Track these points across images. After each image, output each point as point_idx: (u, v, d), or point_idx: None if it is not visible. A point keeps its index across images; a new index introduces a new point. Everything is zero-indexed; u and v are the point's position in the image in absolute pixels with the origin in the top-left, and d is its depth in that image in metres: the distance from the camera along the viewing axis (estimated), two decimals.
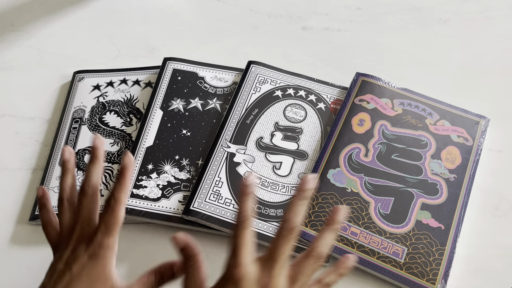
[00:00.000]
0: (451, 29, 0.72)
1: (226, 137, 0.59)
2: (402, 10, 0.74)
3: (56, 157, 0.62)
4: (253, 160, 0.58)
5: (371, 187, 0.54)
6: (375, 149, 0.57)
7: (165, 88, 0.64)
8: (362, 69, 0.65)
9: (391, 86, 0.61)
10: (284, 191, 0.56)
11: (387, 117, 0.59)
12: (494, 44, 0.69)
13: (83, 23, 0.78)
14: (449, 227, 0.52)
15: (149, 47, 0.73)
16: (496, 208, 0.56)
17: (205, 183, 0.56)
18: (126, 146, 0.62)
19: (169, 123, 0.62)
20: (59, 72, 0.72)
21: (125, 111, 0.65)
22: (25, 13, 0.79)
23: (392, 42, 0.71)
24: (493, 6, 0.73)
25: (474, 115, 0.59)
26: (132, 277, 0.55)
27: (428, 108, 0.60)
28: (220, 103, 0.63)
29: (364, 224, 0.52)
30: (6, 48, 0.75)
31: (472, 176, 0.55)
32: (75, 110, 0.66)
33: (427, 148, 0.57)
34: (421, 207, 0.53)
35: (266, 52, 0.71)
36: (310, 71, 0.66)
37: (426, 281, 0.49)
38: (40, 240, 0.57)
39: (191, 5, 0.79)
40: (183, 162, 0.59)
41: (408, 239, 0.51)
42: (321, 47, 0.71)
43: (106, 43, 0.74)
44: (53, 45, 0.75)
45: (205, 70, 0.66)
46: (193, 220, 0.54)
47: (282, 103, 0.62)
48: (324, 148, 0.57)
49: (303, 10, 0.76)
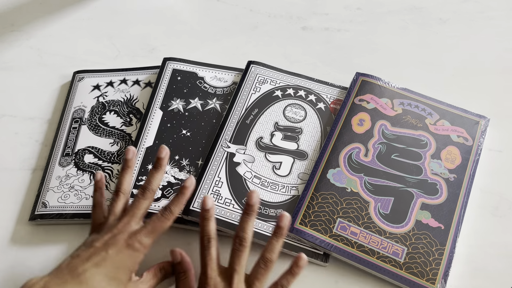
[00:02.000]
0: (451, 29, 0.72)
1: (226, 137, 0.59)
2: (402, 10, 0.74)
3: (56, 157, 0.62)
4: (253, 160, 0.58)
5: (371, 187, 0.54)
6: (375, 149, 0.57)
7: (164, 88, 0.64)
8: (362, 69, 0.65)
9: (391, 86, 0.61)
10: (284, 191, 0.56)
11: (387, 117, 0.59)
12: (494, 44, 0.69)
13: (83, 23, 0.78)
14: (449, 227, 0.52)
15: (149, 47, 0.73)
16: (496, 208, 0.56)
17: (205, 183, 0.56)
18: (126, 146, 0.62)
19: (169, 123, 0.62)
20: (59, 72, 0.72)
21: (125, 111, 0.65)
22: (25, 13, 0.79)
23: (392, 42, 0.71)
24: (493, 6, 0.73)
25: (474, 115, 0.59)
26: None
27: (428, 108, 0.60)
28: (220, 103, 0.63)
29: (364, 224, 0.52)
30: (6, 48, 0.75)
31: (472, 176, 0.55)
32: (75, 110, 0.66)
33: (427, 148, 0.57)
34: (421, 207, 0.53)
35: (266, 52, 0.71)
36: (310, 71, 0.66)
37: (426, 281, 0.49)
38: (40, 240, 0.57)
39: (191, 5, 0.79)
40: (183, 162, 0.59)
41: (408, 239, 0.51)
42: (321, 47, 0.71)
43: (106, 43, 0.75)
44: (53, 45, 0.75)
45: (205, 70, 0.66)
46: (193, 220, 0.54)
47: (282, 103, 0.62)
48: (324, 148, 0.57)
49: (303, 10, 0.76)
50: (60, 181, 0.60)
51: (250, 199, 0.49)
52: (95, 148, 0.62)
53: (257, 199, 0.49)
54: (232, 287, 0.46)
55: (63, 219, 0.57)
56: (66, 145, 0.63)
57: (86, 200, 0.58)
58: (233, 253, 0.48)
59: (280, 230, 0.48)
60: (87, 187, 0.59)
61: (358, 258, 0.51)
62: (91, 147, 0.62)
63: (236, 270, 0.47)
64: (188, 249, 0.55)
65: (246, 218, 0.49)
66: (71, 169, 0.60)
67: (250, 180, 0.56)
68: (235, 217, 0.54)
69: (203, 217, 0.49)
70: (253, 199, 0.49)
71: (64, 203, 0.58)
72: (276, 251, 0.48)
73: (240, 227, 0.49)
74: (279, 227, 0.48)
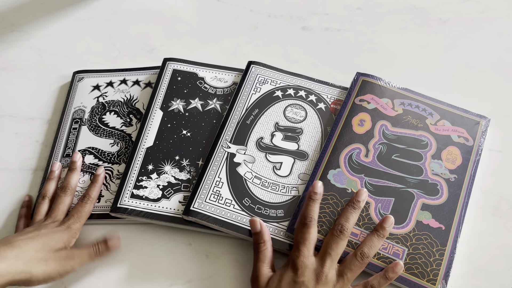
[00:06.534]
0: (451, 29, 0.72)
1: (226, 138, 0.59)
2: (402, 10, 0.74)
3: (56, 158, 0.62)
4: (253, 161, 0.58)
5: (372, 187, 0.54)
6: (376, 150, 0.57)
7: (165, 89, 0.64)
8: (362, 69, 0.65)
9: (391, 86, 0.61)
10: (284, 192, 0.55)
11: (388, 117, 0.59)
12: (494, 44, 0.69)
13: (83, 23, 0.77)
14: (450, 227, 0.52)
15: (149, 47, 0.73)
16: (496, 208, 0.56)
17: (205, 183, 0.56)
18: (126, 146, 0.62)
19: (169, 123, 0.61)
20: (59, 72, 0.72)
21: (125, 111, 0.65)
22: (25, 13, 0.79)
23: (392, 42, 0.71)
24: (493, 6, 0.73)
25: (474, 115, 0.59)
26: (132, 278, 0.55)
27: (429, 108, 0.60)
28: (220, 104, 0.63)
29: (364, 224, 0.52)
30: (6, 48, 0.75)
31: (473, 176, 0.55)
32: (75, 111, 0.66)
33: (427, 148, 0.57)
34: (422, 207, 0.53)
35: (266, 52, 0.71)
36: (310, 71, 0.66)
37: (427, 281, 0.49)
38: None
39: (191, 5, 0.79)
40: (183, 162, 0.59)
41: (409, 240, 0.51)
42: (321, 47, 0.71)
43: (106, 43, 0.74)
44: (53, 45, 0.75)
45: (205, 70, 0.66)
46: (193, 221, 0.54)
47: (282, 103, 0.62)
48: (325, 148, 0.57)
49: (303, 10, 0.76)
50: (61, 182, 0.60)
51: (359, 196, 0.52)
52: (95, 148, 0.62)
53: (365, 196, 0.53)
54: (323, 269, 0.47)
55: None
56: (66, 146, 0.62)
57: None
58: (331, 239, 0.49)
59: (383, 231, 0.50)
60: None
61: None
62: (92, 148, 0.62)
63: (331, 254, 0.48)
64: (189, 249, 0.55)
65: (351, 210, 0.51)
66: None
67: (251, 180, 0.56)
68: (235, 217, 0.54)
69: (310, 197, 0.52)
70: (361, 196, 0.52)
71: None
72: (375, 248, 0.49)
73: (344, 216, 0.51)
74: (383, 228, 0.50)
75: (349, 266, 0.48)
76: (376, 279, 0.48)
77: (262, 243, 0.50)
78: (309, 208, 0.51)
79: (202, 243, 0.56)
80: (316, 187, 0.52)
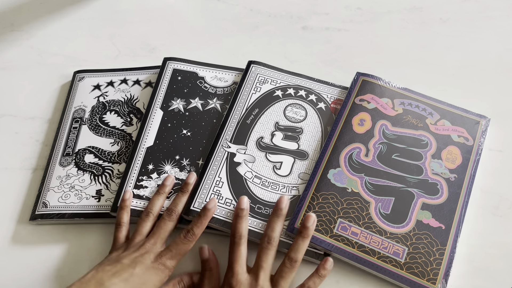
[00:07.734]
0: (451, 29, 0.72)
1: (227, 137, 0.59)
2: (402, 10, 0.74)
3: (56, 157, 0.62)
4: (254, 160, 0.58)
5: (372, 187, 0.54)
6: (376, 149, 0.57)
7: (165, 88, 0.64)
8: (363, 69, 0.65)
9: (391, 85, 0.61)
10: (285, 191, 0.56)
11: (388, 117, 0.59)
12: (494, 44, 0.70)
13: (83, 23, 0.78)
14: (450, 226, 0.52)
15: (149, 47, 0.73)
16: (496, 208, 0.56)
17: (205, 183, 0.56)
18: (126, 146, 0.62)
19: (169, 123, 0.61)
20: (59, 72, 0.72)
21: (125, 111, 0.65)
22: (25, 13, 0.79)
23: (392, 42, 0.71)
24: (493, 6, 0.73)
25: (474, 114, 0.59)
26: None
27: (429, 107, 0.60)
28: (220, 103, 0.63)
29: (364, 224, 0.52)
30: (6, 48, 0.75)
31: (473, 175, 0.55)
32: (76, 110, 0.66)
33: (427, 148, 0.57)
34: (422, 207, 0.53)
35: (266, 52, 0.71)
36: (311, 70, 0.66)
37: (427, 281, 0.49)
38: (41, 240, 0.57)
39: (191, 5, 0.79)
40: (183, 162, 0.59)
41: (409, 239, 0.51)
42: (321, 46, 0.71)
43: (106, 43, 0.74)
44: (53, 45, 0.75)
45: (205, 70, 0.66)
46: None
47: (282, 103, 0.62)
48: (325, 148, 0.57)
49: (303, 10, 0.76)
50: (61, 181, 0.60)
51: (280, 203, 0.52)
52: (95, 148, 0.62)
53: (286, 203, 0.53)
54: (258, 283, 0.47)
55: (64, 219, 0.57)
56: (66, 145, 0.63)
57: (86, 200, 0.58)
58: (261, 251, 0.49)
59: (306, 230, 0.50)
60: (88, 187, 0.59)
61: (359, 258, 0.51)
62: (92, 147, 0.62)
63: (263, 267, 0.48)
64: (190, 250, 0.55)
65: (275, 219, 0.51)
66: (72, 169, 0.60)
67: (251, 180, 0.56)
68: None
69: (237, 215, 0.52)
70: (283, 203, 0.52)
71: (65, 203, 0.58)
72: (301, 251, 0.49)
73: (269, 227, 0.51)
74: (305, 228, 0.50)
75: (281, 274, 0.48)
76: (311, 280, 0.49)
77: (208, 270, 0.51)
78: (237, 226, 0.51)
79: (202, 242, 0.56)
80: (242, 203, 0.52)
